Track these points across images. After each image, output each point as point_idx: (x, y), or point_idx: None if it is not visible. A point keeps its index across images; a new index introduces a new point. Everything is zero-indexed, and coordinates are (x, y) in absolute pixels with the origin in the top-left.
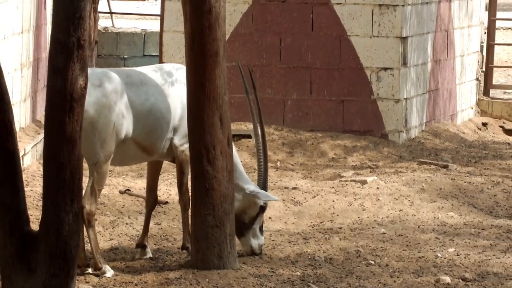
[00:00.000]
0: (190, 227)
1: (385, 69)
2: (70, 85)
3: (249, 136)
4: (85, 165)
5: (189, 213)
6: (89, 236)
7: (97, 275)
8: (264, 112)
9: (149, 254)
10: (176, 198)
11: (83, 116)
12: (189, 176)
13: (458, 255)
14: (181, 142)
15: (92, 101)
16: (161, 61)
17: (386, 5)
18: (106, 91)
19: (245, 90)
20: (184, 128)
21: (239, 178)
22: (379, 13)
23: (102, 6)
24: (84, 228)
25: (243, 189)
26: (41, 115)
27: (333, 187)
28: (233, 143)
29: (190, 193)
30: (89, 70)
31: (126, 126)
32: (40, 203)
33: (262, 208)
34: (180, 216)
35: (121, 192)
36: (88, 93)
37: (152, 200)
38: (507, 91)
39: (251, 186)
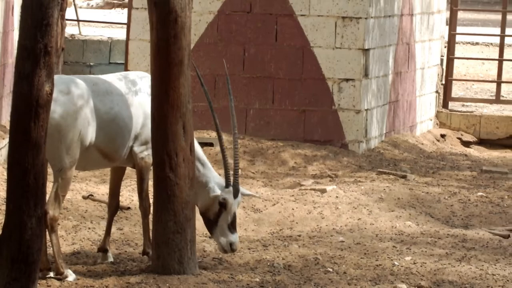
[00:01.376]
0: (151, 232)
1: (347, 80)
2: (36, 91)
3: (211, 144)
4: (49, 170)
5: (150, 219)
6: (52, 241)
7: (59, 279)
8: (226, 121)
9: (111, 259)
10: (138, 203)
11: (49, 122)
12: (151, 182)
13: (414, 263)
14: (141, 150)
15: (59, 108)
16: (126, 69)
17: (349, 17)
18: (73, 98)
19: (206, 98)
20: (144, 136)
21: (206, 175)
22: (342, 25)
23: (69, 13)
24: (47, 233)
25: (205, 185)
26: (6, 120)
27: (293, 195)
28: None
29: (151, 199)
30: (56, 77)
31: (91, 133)
32: (3, 207)
33: (222, 204)
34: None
35: (84, 197)
36: (55, 99)
37: (114, 205)
38: (465, 104)
39: (212, 182)
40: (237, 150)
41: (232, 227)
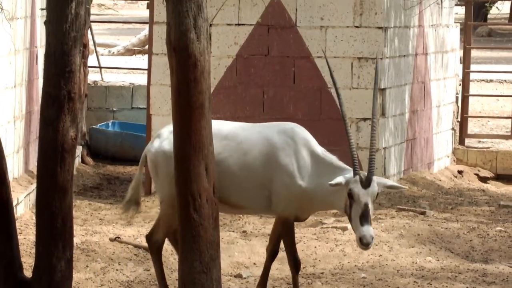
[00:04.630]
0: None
1: (364, 119)
2: (61, 137)
3: None
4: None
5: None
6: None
7: None
8: None
9: None
10: (164, 244)
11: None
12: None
13: None
14: None
15: None
16: (148, 113)
17: (365, 58)
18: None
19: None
20: None
21: (336, 173)
22: (358, 65)
23: (91, 60)
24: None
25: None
26: (33, 166)
27: (315, 234)
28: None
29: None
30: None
31: None
32: (33, 251)
33: (349, 196)
34: (168, 262)
35: (111, 240)
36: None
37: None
38: (481, 140)
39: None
40: (374, 139)
41: (363, 219)
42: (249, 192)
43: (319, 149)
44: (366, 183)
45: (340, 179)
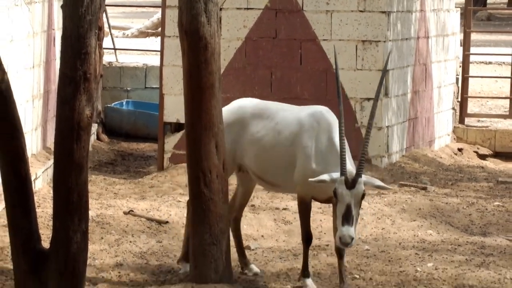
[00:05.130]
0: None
1: (368, 99)
2: (78, 115)
3: None
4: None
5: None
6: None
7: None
8: None
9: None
10: (176, 217)
11: None
12: (187, 197)
13: (436, 269)
14: None
15: None
16: (161, 93)
17: (369, 41)
18: None
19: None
20: None
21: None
22: (363, 48)
23: (106, 42)
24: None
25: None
26: (51, 143)
27: (320, 208)
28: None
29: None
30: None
31: None
32: (51, 223)
33: (334, 194)
34: (179, 234)
35: (125, 213)
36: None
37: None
38: (480, 119)
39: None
40: (367, 144)
41: (344, 219)
42: (281, 170)
43: (337, 137)
44: (351, 184)
45: (324, 176)
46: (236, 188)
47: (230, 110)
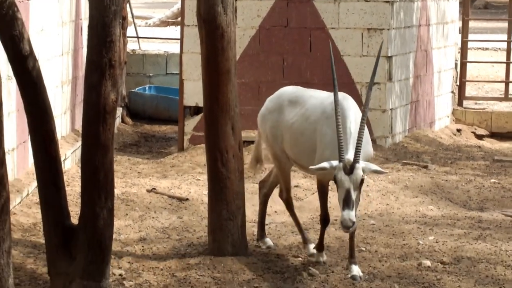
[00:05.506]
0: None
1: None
2: (103, 100)
3: None
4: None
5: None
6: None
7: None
8: None
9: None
10: (195, 194)
11: None
12: (205, 176)
13: (437, 242)
14: None
15: None
16: (181, 78)
17: (373, 29)
18: None
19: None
20: None
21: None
22: (368, 36)
23: (130, 31)
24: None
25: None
26: (79, 125)
27: (329, 185)
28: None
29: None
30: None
31: None
32: (79, 201)
33: (334, 180)
34: (199, 210)
35: (148, 191)
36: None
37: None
38: (478, 102)
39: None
40: (363, 130)
41: (345, 203)
42: (307, 155)
43: (349, 125)
44: (349, 170)
45: (324, 164)
46: (273, 167)
47: (271, 98)
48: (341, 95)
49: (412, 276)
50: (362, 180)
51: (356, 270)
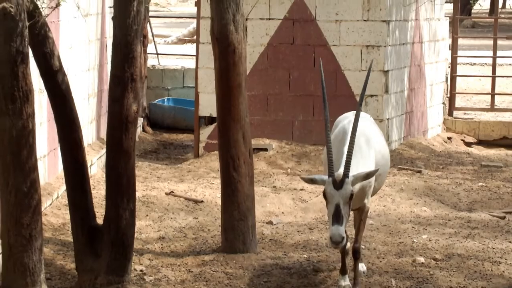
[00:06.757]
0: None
1: (371, 96)
2: (126, 111)
3: (265, 150)
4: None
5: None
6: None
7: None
8: (277, 131)
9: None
10: (209, 197)
11: None
12: (218, 180)
13: (430, 240)
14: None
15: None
16: (196, 91)
17: (371, 46)
18: None
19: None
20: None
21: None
22: (366, 52)
23: (150, 48)
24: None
25: None
26: (103, 134)
27: None
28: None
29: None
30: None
31: None
32: (104, 203)
33: (323, 195)
34: (213, 211)
35: (166, 194)
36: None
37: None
38: (466, 112)
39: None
40: (352, 146)
41: (334, 219)
42: None
43: (347, 142)
44: (339, 184)
45: (315, 176)
46: None
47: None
48: (362, 114)
49: (407, 272)
50: (351, 195)
51: None
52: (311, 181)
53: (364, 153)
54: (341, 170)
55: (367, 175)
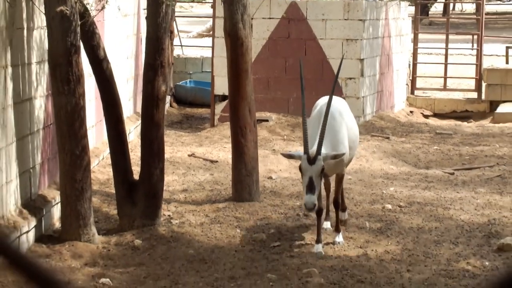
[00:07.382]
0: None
1: (350, 78)
2: (156, 91)
3: (266, 120)
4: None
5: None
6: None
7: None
8: (276, 106)
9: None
10: (222, 158)
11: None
12: (230, 144)
13: (396, 191)
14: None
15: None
16: (212, 75)
17: (351, 39)
18: None
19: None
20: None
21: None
22: (346, 44)
23: (176, 41)
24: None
25: None
26: (139, 109)
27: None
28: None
29: (232, 159)
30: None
31: None
32: (139, 163)
33: (299, 169)
34: (225, 169)
35: (188, 155)
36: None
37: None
38: (425, 91)
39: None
40: (324, 128)
41: (308, 189)
42: None
43: (321, 123)
44: (312, 160)
45: (292, 152)
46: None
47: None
48: (336, 98)
49: (378, 216)
50: (322, 169)
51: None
52: (290, 157)
53: (337, 127)
54: (314, 148)
55: (335, 156)
